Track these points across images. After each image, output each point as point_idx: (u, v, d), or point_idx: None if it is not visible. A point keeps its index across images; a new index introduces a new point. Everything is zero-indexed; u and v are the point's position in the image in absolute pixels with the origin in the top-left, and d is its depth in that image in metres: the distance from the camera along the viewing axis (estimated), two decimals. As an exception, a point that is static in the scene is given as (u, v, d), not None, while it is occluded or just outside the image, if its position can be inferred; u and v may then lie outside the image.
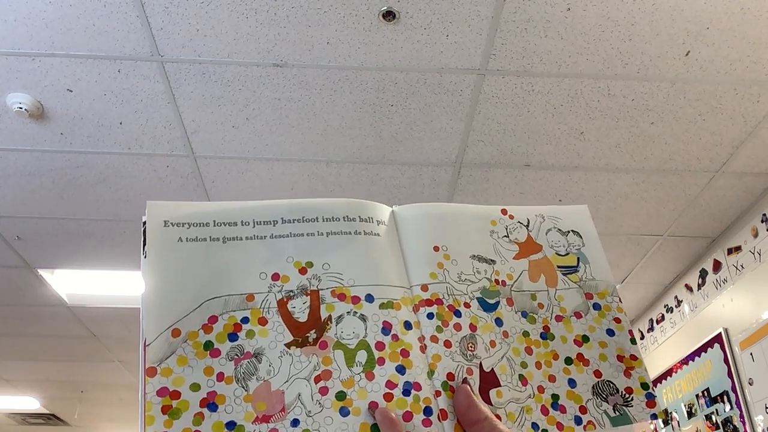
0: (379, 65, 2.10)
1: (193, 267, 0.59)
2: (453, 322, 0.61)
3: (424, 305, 0.62)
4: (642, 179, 2.66)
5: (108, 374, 4.97)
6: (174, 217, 0.60)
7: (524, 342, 0.65)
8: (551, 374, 0.64)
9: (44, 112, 2.29)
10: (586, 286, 0.70)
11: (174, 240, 0.59)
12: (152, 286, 0.56)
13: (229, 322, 0.57)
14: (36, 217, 2.90)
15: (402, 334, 0.59)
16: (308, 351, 0.57)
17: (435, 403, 0.57)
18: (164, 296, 0.57)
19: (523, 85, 2.18)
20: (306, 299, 0.59)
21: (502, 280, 0.67)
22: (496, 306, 0.65)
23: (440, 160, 2.56)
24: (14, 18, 1.93)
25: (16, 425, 6.49)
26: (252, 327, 0.57)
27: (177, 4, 1.89)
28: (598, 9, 1.91)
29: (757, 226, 2.80)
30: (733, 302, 2.98)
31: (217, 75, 2.14)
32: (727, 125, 2.35)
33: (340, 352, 0.57)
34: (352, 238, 0.63)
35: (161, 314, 0.56)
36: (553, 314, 0.68)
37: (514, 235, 0.70)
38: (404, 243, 0.65)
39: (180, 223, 0.60)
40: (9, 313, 3.90)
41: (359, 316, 0.59)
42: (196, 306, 0.57)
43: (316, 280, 0.60)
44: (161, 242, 0.59)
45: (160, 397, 0.53)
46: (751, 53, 2.05)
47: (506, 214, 0.71)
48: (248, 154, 2.52)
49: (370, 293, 0.60)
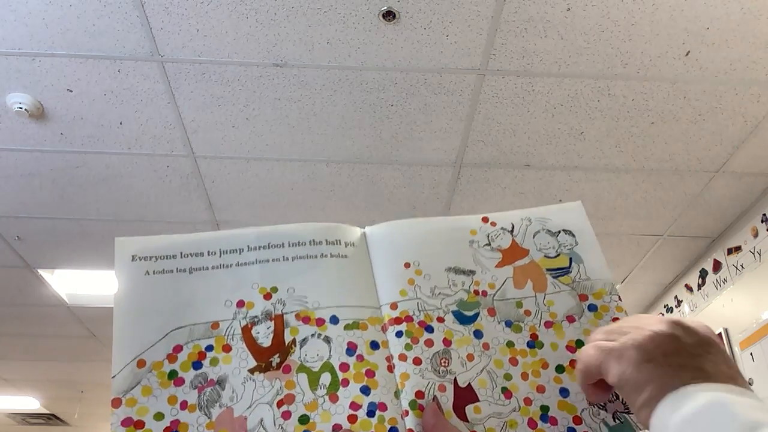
0: (379, 65, 2.10)
1: (159, 299, 0.60)
2: (424, 338, 0.61)
3: (393, 323, 0.61)
4: (642, 179, 2.66)
5: (108, 374, 4.96)
6: (141, 251, 0.62)
7: (508, 353, 0.63)
8: (540, 384, 0.61)
9: (44, 112, 2.29)
10: (580, 287, 0.67)
11: (141, 274, 0.61)
12: (119, 320, 0.59)
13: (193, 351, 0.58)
14: (36, 217, 2.91)
15: (368, 354, 0.59)
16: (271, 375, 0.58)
17: (402, 423, 0.56)
18: (130, 329, 0.58)
19: (523, 85, 2.18)
20: (270, 324, 0.60)
21: (482, 290, 0.66)
22: (474, 318, 0.64)
23: (440, 160, 2.56)
24: (14, 18, 1.93)
25: (16, 425, 6.49)
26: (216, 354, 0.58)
27: (177, 4, 1.89)
28: (598, 9, 1.91)
29: (757, 226, 2.80)
30: (733, 302, 2.98)
31: (217, 75, 2.14)
32: (727, 125, 2.35)
33: (304, 375, 0.58)
34: (318, 261, 0.63)
35: (127, 346, 0.58)
36: (541, 320, 0.65)
37: (496, 242, 0.68)
38: (374, 262, 0.65)
39: (147, 257, 0.62)
40: (9, 313, 3.90)
41: (323, 338, 0.59)
42: (161, 337, 0.58)
43: (280, 305, 0.61)
44: (128, 277, 0.61)
45: (125, 427, 0.54)
46: (751, 53, 2.05)
47: (488, 221, 0.70)
48: (248, 154, 2.52)
49: (335, 315, 0.61)
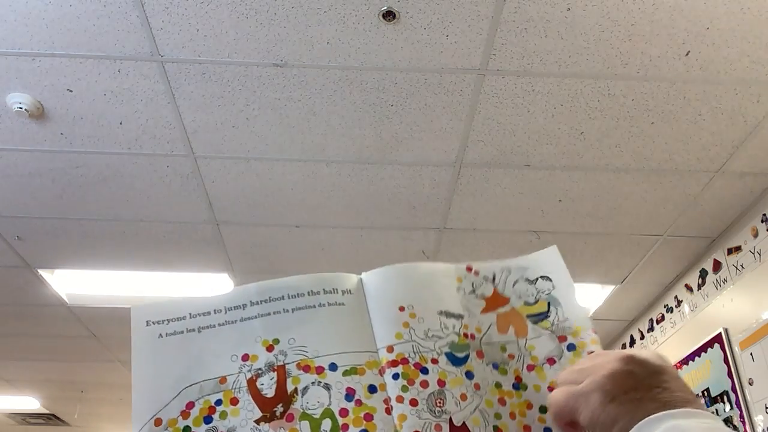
0: (379, 65, 2.10)
1: (171, 359, 0.64)
2: (419, 379, 0.63)
3: (390, 366, 0.64)
4: (642, 179, 2.66)
5: (108, 374, 4.98)
6: (154, 316, 0.66)
7: (497, 393, 0.65)
8: (526, 424, 0.64)
9: (44, 112, 2.28)
10: (559, 329, 0.70)
11: (155, 337, 0.65)
12: (137, 382, 0.63)
13: (204, 406, 0.62)
14: (36, 217, 2.90)
15: (366, 398, 0.62)
16: (276, 425, 0.60)
17: None
18: (147, 390, 0.62)
19: (523, 85, 2.18)
20: (273, 375, 0.63)
21: (471, 334, 0.68)
22: (466, 359, 0.66)
23: (440, 160, 2.56)
24: (14, 18, 1.93)
25: (16, 425, 6.49)
26: (225, 408, 0.62)
27: (177, 4, 1.89)
28: (598, 9, 1.91)
29: (757, 226, 2.80)
30: (733, 302, 2.98)
31: (217, 75, 2.14)
32: (727, 125, 2.35)
33: (306, 423, 0.60)
34: (316, 311, 0.66)
35: (145, 407, 0.62)
36: (524, 364, 0.68)
37: (480, 290, 0.71)
38: (371, 307, 0.67)
39: (160, 320, 0.66)
40: (9, 313, 3.90)
41: (323, 386, 0.62)
42: (175, 395, 0.62)
43: (282, 356, 0.64)
44: (143, 341, 0.65)
45: None
46: (751, 53, 2.05)
47: (471, 270, 0.72)
48: (248, 154, 2.52)
49: (334, 362, 0.63)
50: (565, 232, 3.02)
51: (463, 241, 3.09)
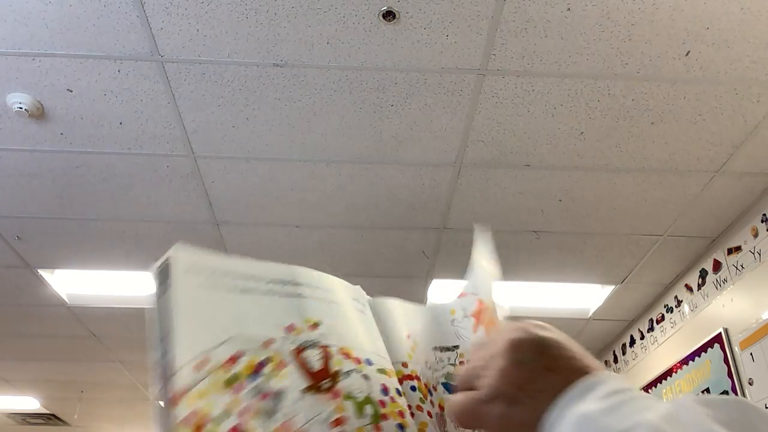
0: (379, 65, 2.10)
1: (215, 310, 0.62)
2: (429, 398, 0.66)
3: (407, 379, 0.67)
4: (642, 179, 2.66)
5: (108, 374, 4.97)
6: (193, 267, 0.65)
7: None
8: None
9: (44, 112, 2.28)
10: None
11: (194, 286, 0.63)
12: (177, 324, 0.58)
13: (252, 361, 0.60)
14: (36, 217, 2.90)
15: (396, 397, 0.64)
16: (323, 398, 0.60)
17: None
18: (191, 330, 0.59)
19: (523, 85, 2.18)
20: (319, 351, 0.63)
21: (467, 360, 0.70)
22: None
23: (440, 160, 2.56)
24: (14, 18, 1.93)
25: (16, 425, 6.49)
26: (272, 369, 0.61)
27: (177, 4, 1.89)
28: (598, 9, 1.91)
29: (757, 226, 2.80)
30: (733, 302, 2.98)
31: (217, 75, 2.14)
32: (727, 125, 2.35)
33: (350, 403, 0.61)
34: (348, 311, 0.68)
35: (188, 344, 0.58)
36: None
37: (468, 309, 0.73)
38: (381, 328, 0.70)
39: (200, 273, 0.65)
40: (9, 313, 3.90)
41: (363, 375, 0.63)
42: (225, 339, 0.60)
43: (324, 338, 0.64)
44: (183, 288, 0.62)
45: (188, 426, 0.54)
46: (751, 53, 2.05)
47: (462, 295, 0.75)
48: (248, 154, 2.52)
49: (369, 358, 0.65)
50: (565, 232, 3.02)
51: (463, 241, 3.09)
